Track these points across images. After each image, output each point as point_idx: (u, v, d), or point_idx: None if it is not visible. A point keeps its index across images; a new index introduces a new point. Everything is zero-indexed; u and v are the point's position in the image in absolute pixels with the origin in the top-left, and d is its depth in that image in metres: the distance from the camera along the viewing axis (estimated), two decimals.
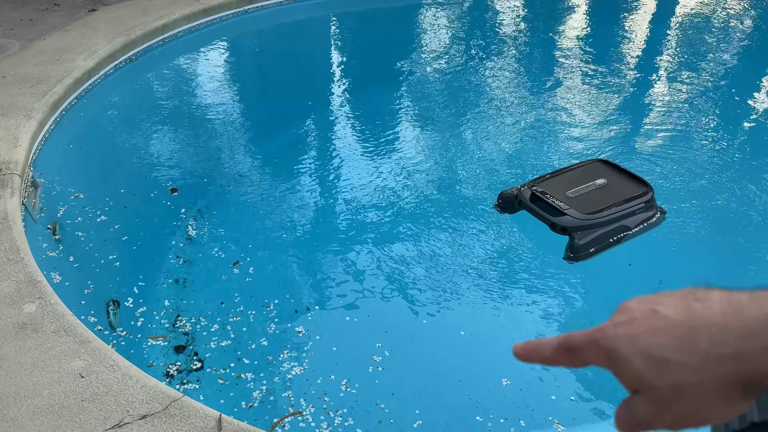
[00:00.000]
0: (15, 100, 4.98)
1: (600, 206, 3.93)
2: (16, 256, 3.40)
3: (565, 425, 2.97)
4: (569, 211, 3.86)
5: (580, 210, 3.89)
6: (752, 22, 7.89)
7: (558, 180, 4.15)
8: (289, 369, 3.18)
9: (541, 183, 4.11)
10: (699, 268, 4.01)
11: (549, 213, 3.91)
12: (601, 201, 3.98)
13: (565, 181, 4.14)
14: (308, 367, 3.21)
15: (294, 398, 3.03)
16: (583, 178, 4.18)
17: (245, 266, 3.85)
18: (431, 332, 3.48)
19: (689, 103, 5.90)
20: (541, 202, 3.96)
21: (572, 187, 4.07)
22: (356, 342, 3.38)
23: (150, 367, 3.17)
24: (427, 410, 3.03)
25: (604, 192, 4.07)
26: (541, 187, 4.05)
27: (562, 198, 3.97)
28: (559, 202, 3.93)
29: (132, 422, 2.54)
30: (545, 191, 4.01)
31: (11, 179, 4.04)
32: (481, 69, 6.66)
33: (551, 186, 4.08)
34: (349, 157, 5.09)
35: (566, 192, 4.02)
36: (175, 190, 4.46)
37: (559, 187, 4.07)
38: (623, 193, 4.09)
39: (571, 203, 3.93)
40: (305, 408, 2.98)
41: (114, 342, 3.27)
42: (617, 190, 4.12)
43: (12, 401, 2.63)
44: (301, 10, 7.84)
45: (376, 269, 3.87)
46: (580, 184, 4.10)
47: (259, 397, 3.03)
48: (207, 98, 5.93)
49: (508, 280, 3.83)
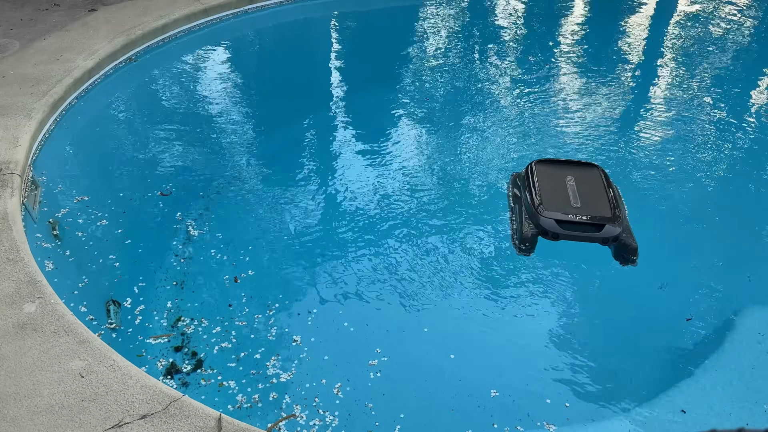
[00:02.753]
0: (15, 100, 4.98)
1: (607, 201, 3.91)
2: (16, 256, 3.40)
3: (558, 425, 2.97)
4: (605, 220, 3.75)
5: (604, 213, 3.80)
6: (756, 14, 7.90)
7: (539, 197, 3.89)
8: (290, 369, 3.18)
9: (535, 206, 3.84)
10: (699, 269, 4.01)
11: (589, 231, 3.75)
12: (599, 196, 3.95)
13: (548, 194, 3.91)
14: (309, 367, 3.21)
15: (294, 398, 3.03)
16: (553, 183, 4.00)
17: (245, 267, 3.85)
18: (432, 332, 3.48)
19: (688, 101, 5.90)
20: (571, 224, 3.76)
21: (562, 196, 3.91)
22: (355, 342, 3.38)
23: (150, 367, 3.17)
24: (426, 411, 3.03)
25: (585, 187, 4.00)
26: (546, 209, 3.80)
27: (578, 210, 3.81)
28: (585, 216, 3.77)
29: (132, 422, 2.54)
30: (564, 212, 3.79)
31: (11, 179, 4.04)
32: (481, 69, 6.66)
33: (548, 205, 3.84)
34: (350, 158, 5.09)
35: (570, 203, 3.86)
36: (164, 194, 4.44)
37: (554, 202, 3.86)
38: (593, 179, 4.07)
39: (590, 210, 3.81)
40: (305, 408, 2.98)
41: (113, 342, 3.27)
42: (586, 179, 4.07)
43: (12, 401, 2.63)
44: (301, 10, 7.84)
45: (377, 269, 3.87)
46: (562, 190, 3.95)
47: (259, 397, 3.03)
48: (207, 98, 5.93)
49: (508, 283, 3.83)
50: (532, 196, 3.93)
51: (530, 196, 3.95)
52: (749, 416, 2.98)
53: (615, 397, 3.13)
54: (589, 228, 3.77)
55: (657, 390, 3.16)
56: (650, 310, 3.68)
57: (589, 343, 3.47)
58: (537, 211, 3.82)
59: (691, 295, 3.80)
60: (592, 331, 3.56)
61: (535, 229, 3.80)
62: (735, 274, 3.96)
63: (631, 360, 3.38)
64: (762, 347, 3.34)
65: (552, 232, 3.75)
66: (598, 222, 3.76)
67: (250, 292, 3.68)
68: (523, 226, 3.86)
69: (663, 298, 3.74)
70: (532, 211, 3.86)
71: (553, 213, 3.79)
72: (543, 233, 3.78)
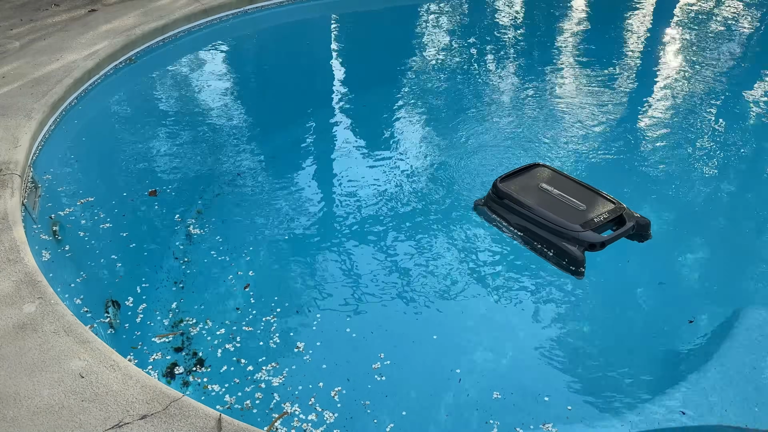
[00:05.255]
0: (15, 100, 4.98)
1: (596, 193, 3.95)
2: (16, 256, 3.40)
3: (558, 425, 2.97)
4: (625, 212, 3.77)
5: (610, 205, 3.82)
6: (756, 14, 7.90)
7: (559, 215, 3.78)
8: (289, 369, 3.18)
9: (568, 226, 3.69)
10: (700, 269, 4.01)
11: (618, 226, 3.75)
12: (584, 191, 3.97)
13: (559, 209, 3.82)
14: (308, 367, 3.21)
15: (294, 398, 3.03)
16: (542, 197, 3.93)
17: (246, 267, 3.85)
18: (431, 333, 3.48)
19: (688, 102, 5.90)
20: (602, 227, 3.72)
21: (566, 205, 3.85)
22: (357, 342, 3.38)
23: (150, 367, 3.17)
24: (426, 411, 3.03)
25: (564, 188, 4.00)
26: (580, 224, 3.68)
27: (593, 212, 3.78)
28: (604, 215, 3.75)
29: (132, 422, 2.54)
30: (591, 219, 3.72)
31: (11, 179, 4.04)
32: (481, 69, 6.66)
33: (573, 219, 3.73)
34: (351, 158, 5.09)
35: (578, 208, 3.81)
36: (153, 193, 4.44)
37: (573, 215, 3.77)
38: (557, 178, 4.09)
39: (598, 207, 3.80)
40: (304, 408, 2.98)
41: (113, 342, 3.27)
42: (553, 180, 4.07)
43: (12, 401, 2.63)
44: (301, 10, 7.85)
45: (377, 270, 3.87)
46: (558, 200, 3.89)
47: (259, 397, 3.03)
48: (207, 98, 5.93)
49: (510, 283, 3.83)
50: (552, 218, 3.76)
51: (550, 218, 3.77)
52: (750, 417, 2.98)
53: (615, 398, 3.13)
54: (616, 223, 3.77)
55: (657, 390, 3.16)
56: (650, 311, 3.68)
57: (589, 344, 3.47)
58: (573, 229, 3.67)
59: (691, 295, 3.80)
60: (593, 331, 3.56)
61: (582, 247, 3.67)
62: (735, 274, 3.97)
63: (632, 360, 3.38)
64: (763, 347, 3.34)
65: (599, 242, 3.66)
66: (618, 215, 3.77)
67: (251, 292, 3.67)
68: (570, 251, 3.67)
69: (663, 299, 3.74)
70: (566, 232, 3.69)
71: (585, 224, 3.70)
72: (590, 247, 3.67)
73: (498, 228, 4.05)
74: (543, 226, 3.80)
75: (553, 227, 3.75)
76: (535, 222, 3.85)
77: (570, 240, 3.69)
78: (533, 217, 3.85)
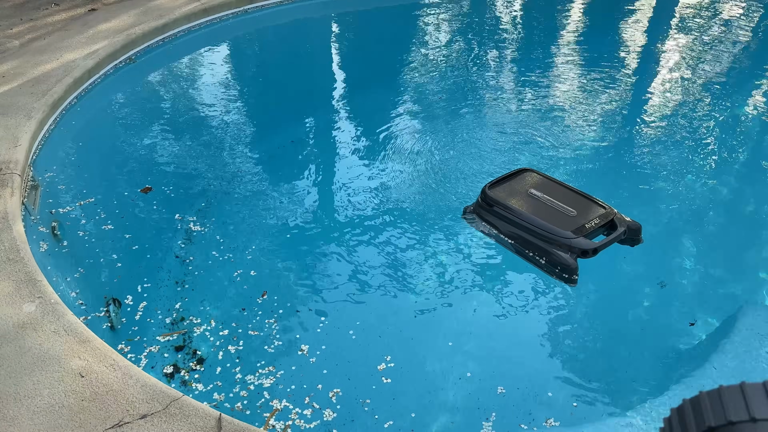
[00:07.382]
0: (15, 100, 4.98)
1: (586, 197, 3.90)
2: (16, 256, 3.40)
3: (559, 426, 2.97)
4: (616, 217, 3.74)
5: (600, 210, 3.78)
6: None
7: (549, 223, 3.69)
8: (289, 369, 3.18)
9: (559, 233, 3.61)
10: (700, 269, 4.01)
11: (610, 231, 3.69)
12: (573, 196, 3.93)
13: (549, 216, 3.74)
14: (308, 367, 3.21)
15: (294, 398, 3.03)
16: (532, 203, 3.85)
17: (246, 267, 3.84)
18: (431, 333, 3.48)
19: (682, 104, 5.90)
20: (594, 233, 3.66)
21: (556, 211, 3.77)
22: (358, 342, 3.38)
23: (150, 367, 3.17)
24: (427, 411, 3.03)
25: (553, 193, 3.93)
26: (571, 230, 3.61)
27: (583, 217, 3.72)
28: (596, 220, 3.69)
29: (132, 422, 2.54)
30: (582, 225, 3.64)
31: (11, 179, 4.03)
32: (482, 69, 6.66)
33: (564, 225, 3.65)
34: (352, 158, 5.10)
35: (568, 214, 3.74)
36: (147, 189, 4.44)
37: (563, 221, 3.69)
38: (546, 183, 4.02)
39: (588, 212, 3.76)
40: (304, 409, 2.98)
41: (113, 342, 3.27)
42: (542, 186, 4.00)
43: (12, 401, 2.63)
44: (301, 10, 7.85)
45: (377, 270, 3.87)
46: (548, 206, 3.82)
47: (259, 397, 3.03)
48: (207, 98, 5.93)
49: (510, 284, 3.83)
50: (543, 224, 3.67)
51: (539, 225, 3.68)
52: None
53: (615, 398, 3.13)
54: (608, 228, 3.73)
55: (657, 391, 3.16)
56: (651, 311, 3.68)
57: (590, 344, 3.47)
58: (564, 236, 3.59)
59: (691, 295, 3.80)
60: (593, 331, 3.56)
61: (575, 254, 3.59)
62: (735, 274, 3.97)
63: (632, 360, 3.38)
64: (763, 348, 3.34)
65: (591, 249, 3.56)
66: (609, 220, 3.72)
67: (252, 291, 3.67)
68: (562, 259, 3.59)
69: (663, 299, 3.74)
70: (557, 239, 3.60)
71: (577, 231, 3.63)
72: (582, 254, 3.58)
73: (488, 235, 3.97)
74: (533, 233, 3.71)
75: (544, 234, 3.66)
76: (525, 229, 3.75)
77: (562, 247, 3.61)
78: (524, 224, 3.75)
